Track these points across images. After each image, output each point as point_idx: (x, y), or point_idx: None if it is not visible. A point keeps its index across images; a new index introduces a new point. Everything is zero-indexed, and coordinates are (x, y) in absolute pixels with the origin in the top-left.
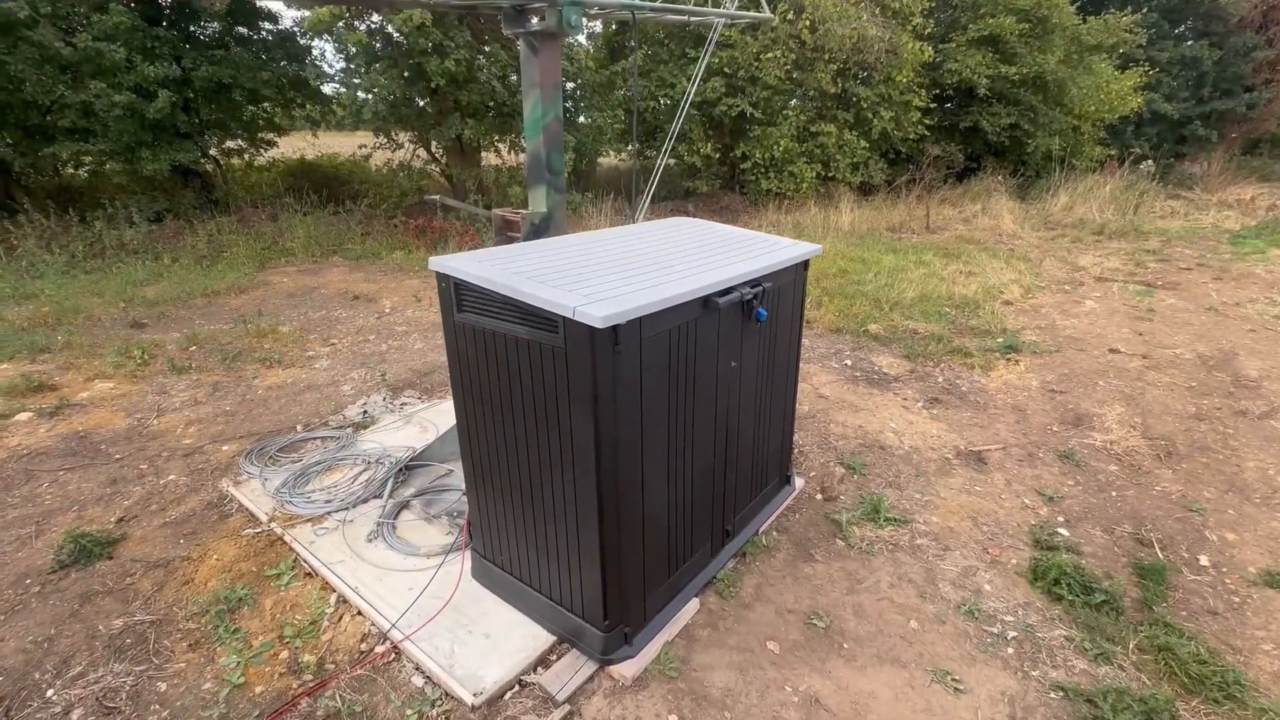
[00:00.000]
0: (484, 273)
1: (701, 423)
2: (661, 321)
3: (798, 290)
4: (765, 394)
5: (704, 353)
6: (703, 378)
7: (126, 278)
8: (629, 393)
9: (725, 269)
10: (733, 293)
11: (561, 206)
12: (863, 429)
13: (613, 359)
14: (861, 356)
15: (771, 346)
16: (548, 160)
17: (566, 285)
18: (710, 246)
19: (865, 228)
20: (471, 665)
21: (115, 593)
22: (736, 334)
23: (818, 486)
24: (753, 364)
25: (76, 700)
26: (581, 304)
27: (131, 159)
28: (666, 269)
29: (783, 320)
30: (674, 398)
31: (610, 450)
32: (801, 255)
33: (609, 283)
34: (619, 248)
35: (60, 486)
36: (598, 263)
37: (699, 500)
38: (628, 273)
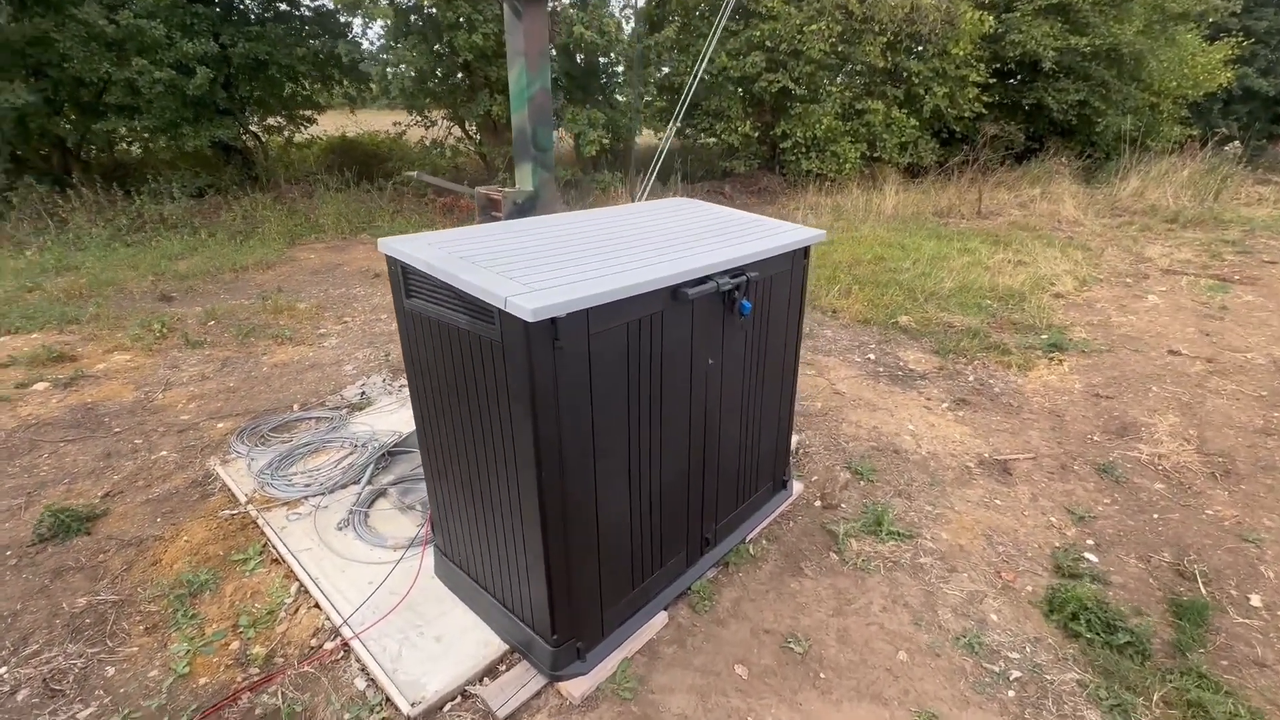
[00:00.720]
0: (426, 256)
1: (672, 425)
2: (617, 314)
3: (795, 280)
4: (755, 394)
5: (674, 349)
6: (673, 376)
7: (162, 251)
8: (574, 392)
9: (703, 256)
10: (707, 283)
11: (550, 185)
12: (877, 430)
13: (552, 355)
14: (887, 350)
15: (762, 342)
16: (534, 135)
17: (512, 272)
18: (698, 231)
19: (910, 211)
20: (416, 671)
21: (86, 570)
22: (716, 328)
23: (818, 492)
24: (737, 361)
25: (25, 680)
26: (516, 293)
27: (174, 135)
28: (637, 255)
29: (776, 313)
30: (636, 398)
31: (552, 454)
32: (798, 241)
33: (563, 269)
34: (594, 230)
35: (59, 458)
36: (562, 246)
37: (670, 507)
38: (591, 258)
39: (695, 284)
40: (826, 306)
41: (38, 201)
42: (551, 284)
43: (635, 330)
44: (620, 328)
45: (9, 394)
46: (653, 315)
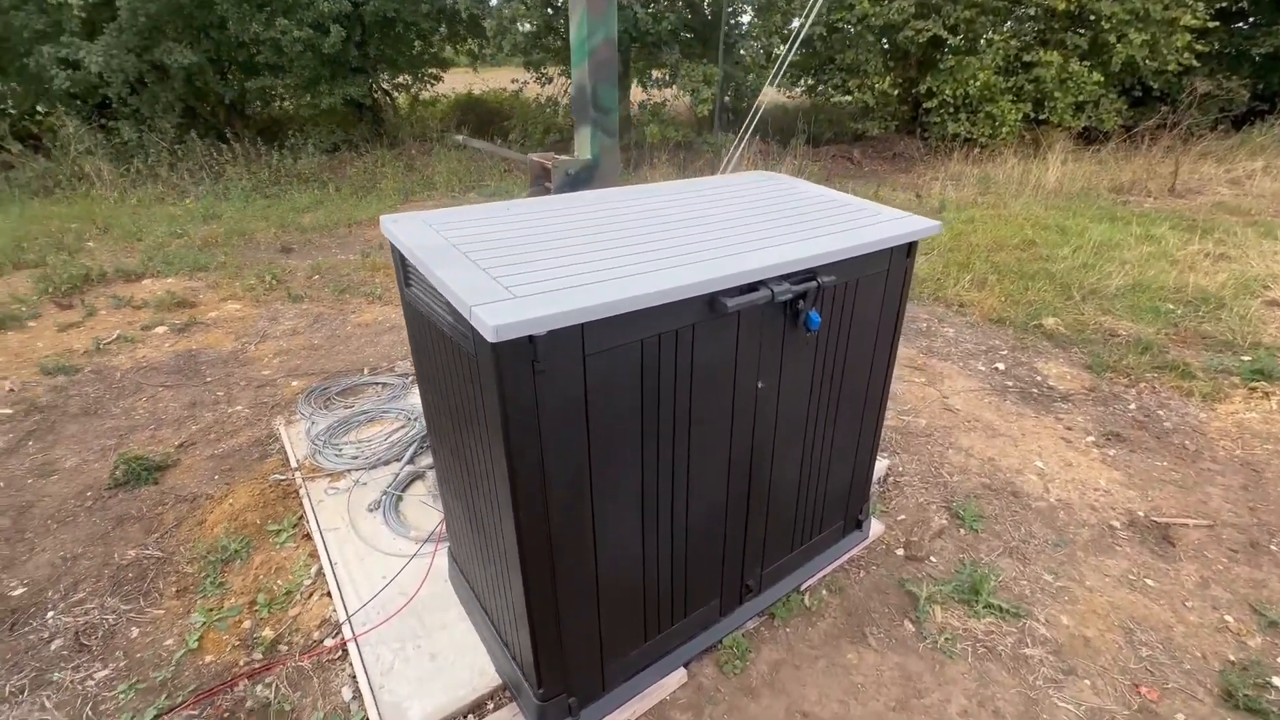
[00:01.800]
0: (414, 240)
1: (705, 458)
2: (626, 329)
3: (894, 285)
4: (824, 422)
5: (710, 370)
6: (707, 402)
7: (291, 204)
8: (563, 424)
9: (759, 253)
10: (758, 290)
11: (613, 153)
12: (993, 463)
13: (531, 380)
14: (1022, 360)
15: (838, 361)
16: (594, 94)
17: (503, 268)
18: (768, 216)
19: (1078, 186)
20: (401, 693)
21: (143, 521)
22: (771, 345)
23: (902, 536)
24: (800, 384)
25: (62, 630)
26: (485, 301)
27: (313, 93)
28: (675, 248)
29: (862, 326)
30: (654, 429)
31: (533, 494)
32: (900, 236)
33: (571, 267)
34: (636, 212)
35: (154, 402)
36: (586, 234)
37: (700, 550)
38: (616, 251)
39: (740, 292)
40: (953, 299)
41: (201, 154)
42: (543, 288)
43: (653, 349)
44: (631, 346)
45: (134, 335)
46: (679, 330)
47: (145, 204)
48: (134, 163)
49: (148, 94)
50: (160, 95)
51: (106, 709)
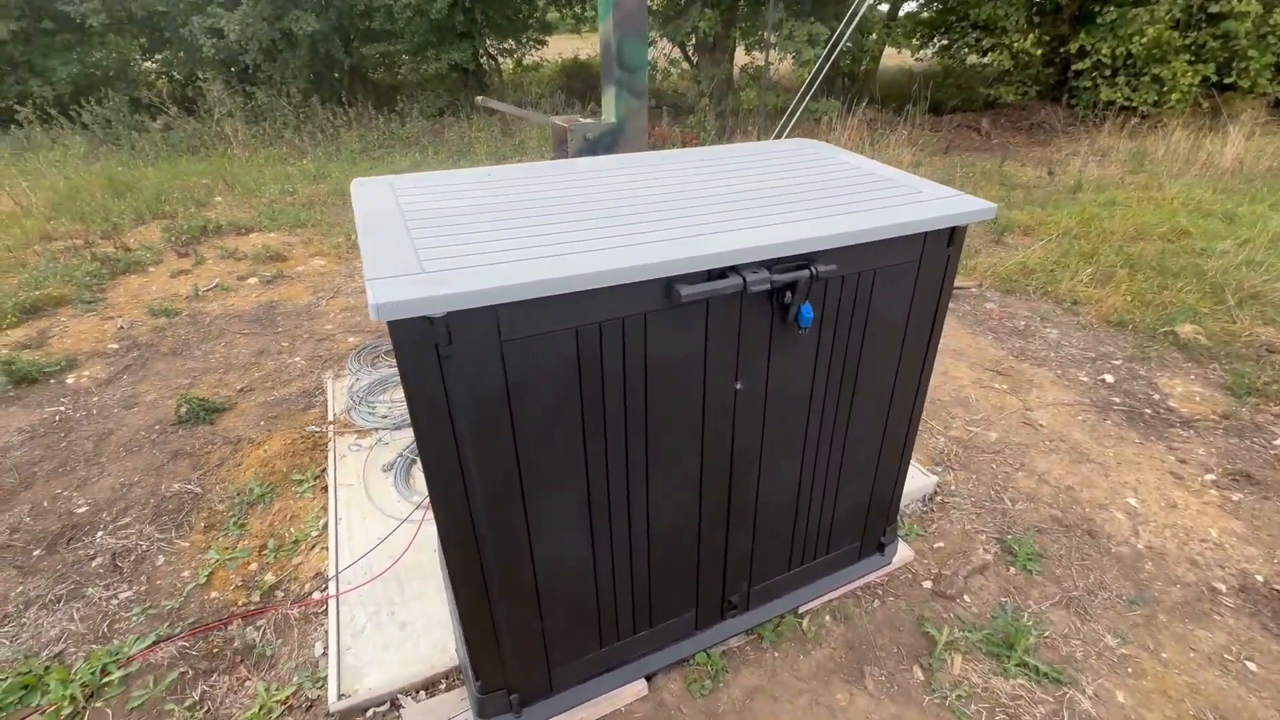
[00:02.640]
0: (367, 204)
1: (670, 464)
2: (555, 314)
3: (928, 279)
4: (831, 431)
5: (671, 366)
6: (669, 402)
7: (391, 166)
8: (482, 415)
9: (738, 233)
10: (728, 277)
11: (639, 116)
12: (1072, 494)
13: (437, 364)
14: (1140, 373)
15: (849, 364)
16: (619, 50)
17: (437, 238)
18: (785, 189)
19: (1264, 165)
20: (365, 657)
21: (193, 458)
22: (755, 340)
23: (934, 567)
24: (796, 388)
25: (104, 550)
26: (383, 275)
27: (421, 58)
28: (649, 224)
29: (882, 325)
30: (600, 428)
31: (450, 487)
32: (935, 220)
33: (509, 242)
34: (633, 181)
35: (229, 348)
36: (555, 205)
37: (668, 561)
38: (574, 226)
39: (702, 278)
40: (1065, 294)
41: (321, 118)
42: (463, 264)
43: (592, 338)
44: (562, 334)
45: (229, 284)
46: (627, 319)
47: (270, 163)
48: (263, 125)
49: (280, 61)
50: (289, 62)
51: (119, 628)
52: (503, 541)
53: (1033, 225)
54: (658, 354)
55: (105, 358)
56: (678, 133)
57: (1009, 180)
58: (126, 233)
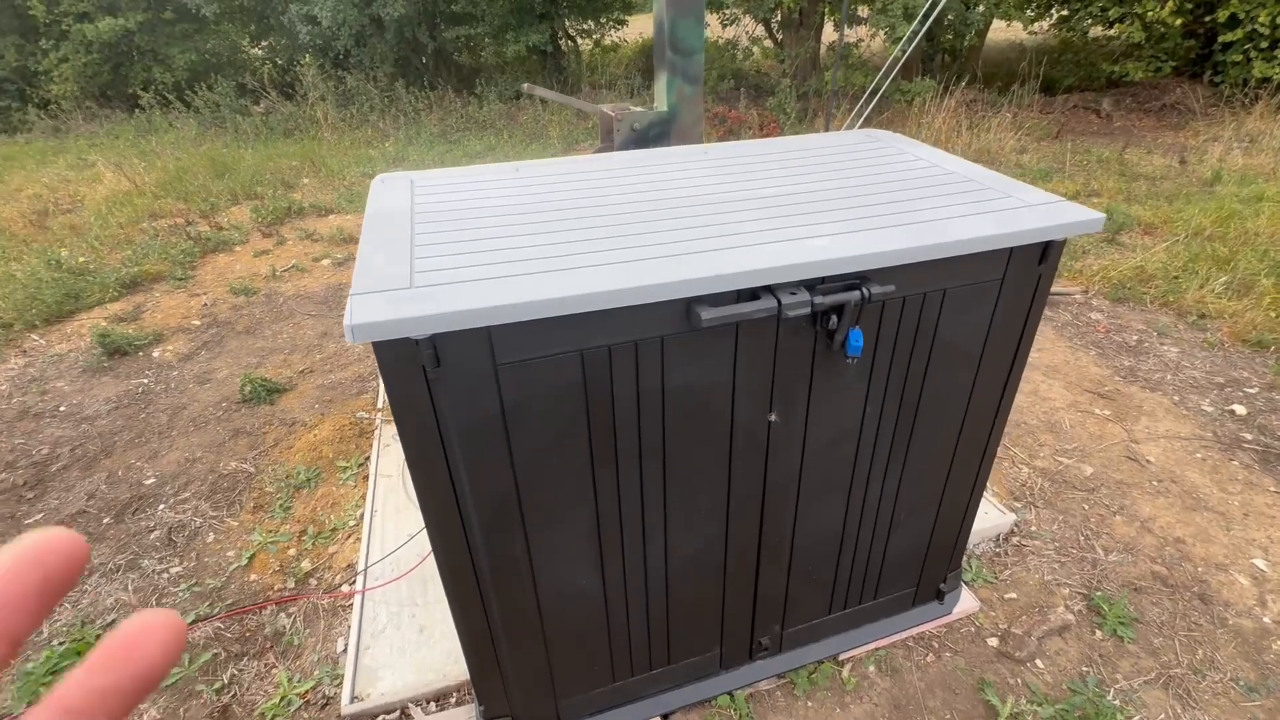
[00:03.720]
0: (382, 202)
1: (692, 498)
2: (557, 336)
3: (1014, 301)
4: (884, 468)
5: (693, 395)
6: (693, 434)
7: (466, 149)
8: (478, 440)
9: (774, 247)
10: (760, 298)
11: (694, 104)
12: (1182, 547)
13: (425, 388)
14: (1278, 402)
15: (910, 395)
16: (672, 33)
17: (441, 245)
18: (844, 192)
19: None
20: (381, 659)
21: (251, 437)
22: (794, 368)
23: (1003, 622)
24: (843, 421)
25: (163, 524)
26: (368, 289)
27: (500, 41)
28: (680, 233)
29: (953, 353)
30: (610, 458)
31: (444, 513)
32: (1022, 234)
33: (520, 251)
34: (672, 181)
35: (296, 328)
36: (583, 210)
37: (688, 597)
38: (596, 235)
39: (729, 299)
40: (1190, 306)
41: (405, 102)
42: (460, 277)
43: (600, 363)
44: (566, 358)
45: (304, 265)
46: (641, 343)
47: (356, 146)
48: (351, 109)
49: (369, 46)
50: (377, 47)
51: (167, 603)
52: (504, 572)
53: (1156, 223)
54: (677, 381)
55: (188, 333)
56: (755, 115)
57: (1130, 170)
58: (221, 212)
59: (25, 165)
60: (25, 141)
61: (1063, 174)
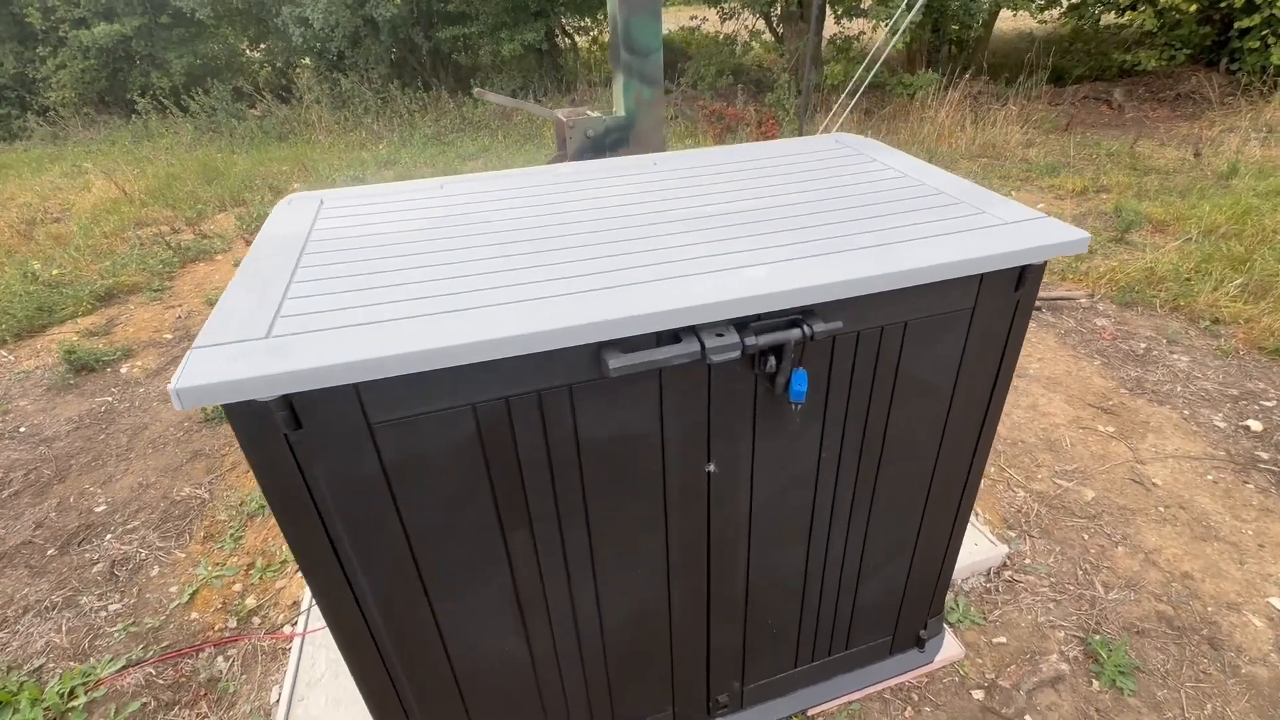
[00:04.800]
0: (278, 227)
1: (625, 555)
2: (442, 390)
3: (987, 331)
4: (848, 514)
5: (614, 447)
6: (619, 489)
7: (459, 151)
8: (359, 504)
9: (712, 276)
10: (682, 341)
11: (653, 107)
12: (1190, 583)
13: (288, 451)
14: None
15: (871, 437)
16: (626, 30)
17: (325, 281)
18: (796, 208)
19: None
20: (315, 712)
21: (209, 459)
22: (733, 413)
23: (991, 671)
24: (794, 467)
25: (107, 556)
26: (213, 341)
27: (494, 39)
28: (598, 259)
29: (920, 390)
30: (522, 518)
31: (330, 579)
32: (991, 258)
33: (413, 286)
34: (612, 197)
35: None
36: (500, 230)
37: (629, 657)
38: (503, 262)
39: (646, 342)
40: (1203, 310)
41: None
42: (330, 322)
43: (498, 417)
44: (456, 413)
45: None
46: (545, 394)
47: (349, 149)
48: (345, 111)
49: (363, 47)
50: (372, 48)
51: (100, 644)
52: (409, 643)
53: (1167, 220)
54: (594, 434)
55: (159, 348)
56: (753, 112)
57: (1142, 163)
58: (207, 219)
59: (21, 173)
60: (24, 149)
61: (1070, 168)
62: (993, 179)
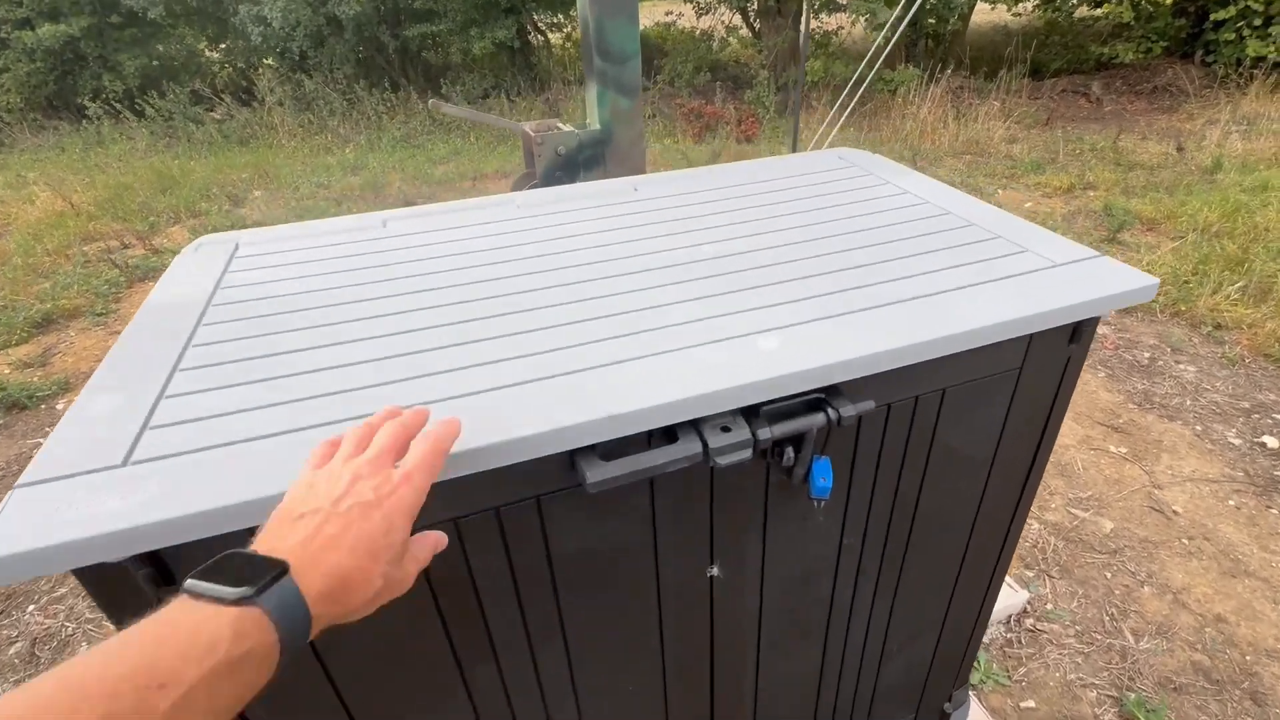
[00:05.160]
0: (175, 284)
1: (614, 673)
2: None
3: (1032, 391)
4: (872, 599)
5: (599, 559)
6: (606, 602)
7: (429, 155)
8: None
9: (711, 350)
10: (680, 438)
11: (632, 119)
12: (1225, 628)
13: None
14: None
15: (899, 517)
16: (599, 35)
17: (214, 366)
18: (799, 246)
19: None
20: None
21: None
22: (742, 512)
23: None
24: (813, 563)
25: (28, 633)
26: (55, 471)
27: (464, 38)
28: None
29: (954, 459)
30: (484, 650)
31: None
32: (1049, 313)
33: (334, 376)
34: (577, 233)
35: None
36: (441, 286)
37: None
38: (444, 333)
39: (636, 444)
40: (1204, 315)
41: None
42: (214, 437)
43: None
44: None
45: None
46: (507, 511)
47: (314, 153)
48: (309, 114)
49: (327, 46)
50: (336, 48)
51: None
52: None
53: (1158, 218)
54: (569, 549)
55: None
56: (733, 110)
57: (1126, 158)
58: (160, 233)
59: None
60: None
61: (1055, 165)
62: (979, 177)
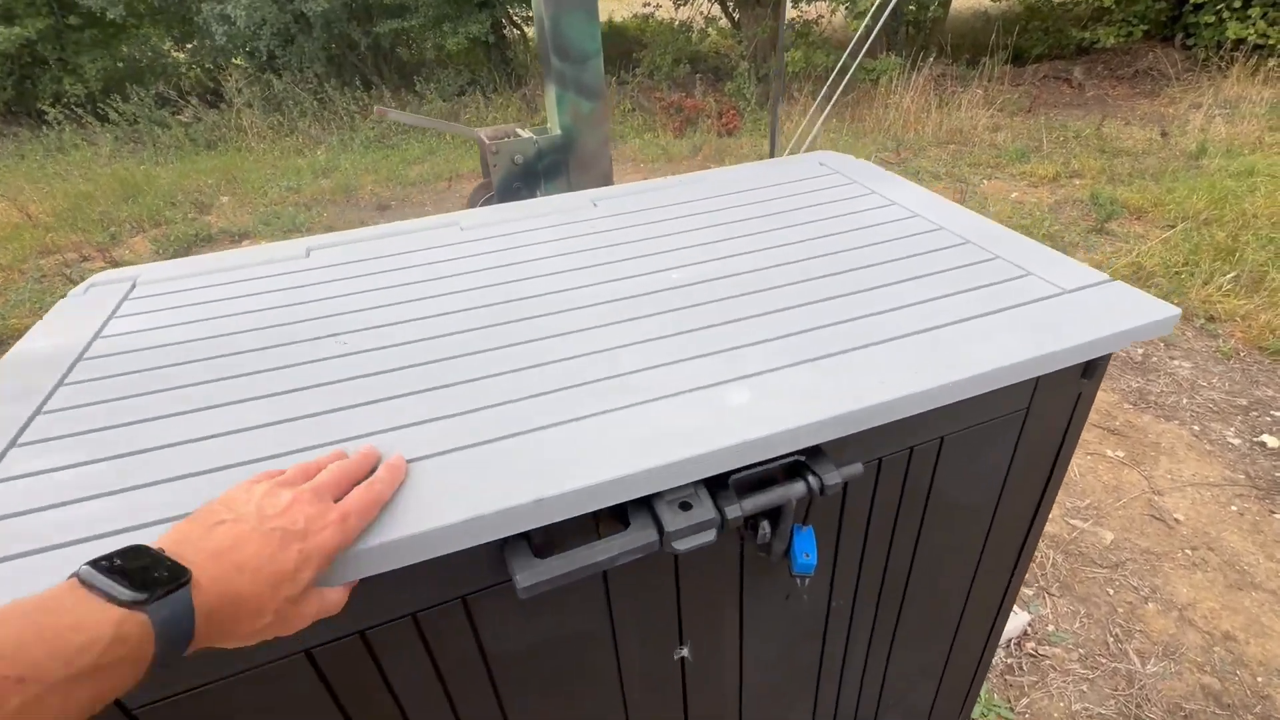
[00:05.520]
0: (42, 337)
1: None
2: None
3: (1038, 433)
4: (864, 661)
5: (546, 653)
6: (555, 697)
7: (403, 155)
8: None
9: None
10: (633, 521)
11: (595, 123)
12: (1234, 647)
13: None
14: None
15: (893, 577)
16: (555, 32)
17: (72, 443)
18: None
19: None
20: None
21: None
22: (714, 593)
23: None
24: (796, 631)
25: None
26: None
27: (437, 33)
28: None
29: (953, 510)
30: None
31: None
32: (1062, 353)
33: (209, 452)
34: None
35: None
36: (374, 328)
37: None
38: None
39: (571, 534)
40: (1197, 307)
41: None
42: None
43: (355, 657)
44: (286, 665)
45: None
46: (425, 616)
47: (285, 156)
48: (277, 115)
49: (296, 45)
50: (305, 46)
51: None
52: None
53: (1145, 206)
54: (508, 647)
55: None
56: (713, 103)
57: (1110, 145)
58: (122, 244)
59: None
60: None
61: (1040, 153)
62: (963, 167)
